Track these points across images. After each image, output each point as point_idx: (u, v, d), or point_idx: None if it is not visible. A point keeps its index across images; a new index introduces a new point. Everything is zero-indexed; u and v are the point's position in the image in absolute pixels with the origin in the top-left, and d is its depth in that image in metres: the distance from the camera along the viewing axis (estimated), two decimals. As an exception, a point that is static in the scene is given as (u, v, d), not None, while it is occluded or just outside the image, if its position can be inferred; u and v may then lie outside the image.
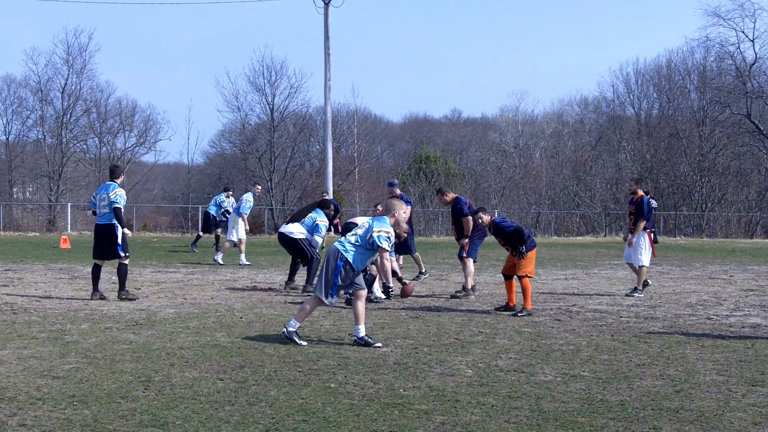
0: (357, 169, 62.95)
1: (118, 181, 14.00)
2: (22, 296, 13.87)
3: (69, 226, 44.39)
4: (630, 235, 15.35)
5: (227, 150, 69.48)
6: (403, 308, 13.05)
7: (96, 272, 13.93)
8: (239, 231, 21.71)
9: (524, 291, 12.60)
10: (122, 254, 13.69)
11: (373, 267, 13.58)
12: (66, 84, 60.60)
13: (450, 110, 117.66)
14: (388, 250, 9.98)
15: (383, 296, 13.53)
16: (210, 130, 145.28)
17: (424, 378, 8.07)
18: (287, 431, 6.19)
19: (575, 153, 63.73)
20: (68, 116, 61.04)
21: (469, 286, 14.59)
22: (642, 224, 15.25)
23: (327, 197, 22.50)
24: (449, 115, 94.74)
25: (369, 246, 9.73)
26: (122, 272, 13.82)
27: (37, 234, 41.38)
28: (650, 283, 15.66)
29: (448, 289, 15.89)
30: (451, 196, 15.20)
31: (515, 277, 12.81)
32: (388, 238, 9.75)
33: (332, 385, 7.68)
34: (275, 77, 60.57)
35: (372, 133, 73.05)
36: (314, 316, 12.16)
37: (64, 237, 31.07)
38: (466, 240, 14.66)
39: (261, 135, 61.72)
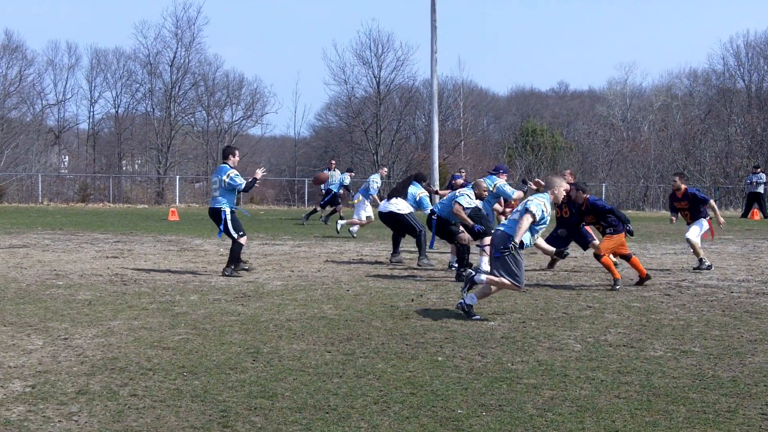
0: (463, 142, 62.58)
1: (230, 162, 13.86)
2: (132, 268, 14.17)
3: (177, 198, 45.29)
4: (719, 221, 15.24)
5: (333, 123, 69.82)
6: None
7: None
8: (367, 210, 22.32)
9: (609, 267, 12.60)
10: (234, 235, 13.56)
11: (464, 236, 13.57)
12: (175, 57, 61.66)
13: (557, 83, 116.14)
14: (534, 214, 9.84)
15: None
16: (316, 102, 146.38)
17: (532, 352, 7.95)
18: (395, 404, 6.16)
19: (684, 126, 62.09)
20: (177, 89, 62.10)
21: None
22: (713, 204, 15.16)
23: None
24: (556, 88, 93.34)
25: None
26: (234, 250, 13.62)
27: (146, 206, 42.34)
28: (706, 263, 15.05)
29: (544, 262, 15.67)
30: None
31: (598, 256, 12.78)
32: (541, 208, 9.85)
33: (440, 359, 7.63)
34: (382, 50, 60.49)
35: (478, 105, 72.43)
36: (422, 289, 12.13)
37: (172, 209, 31.71)
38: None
39: (367, 108, 61.78)
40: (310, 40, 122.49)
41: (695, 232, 14.87)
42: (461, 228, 13.73)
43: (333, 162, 29.59)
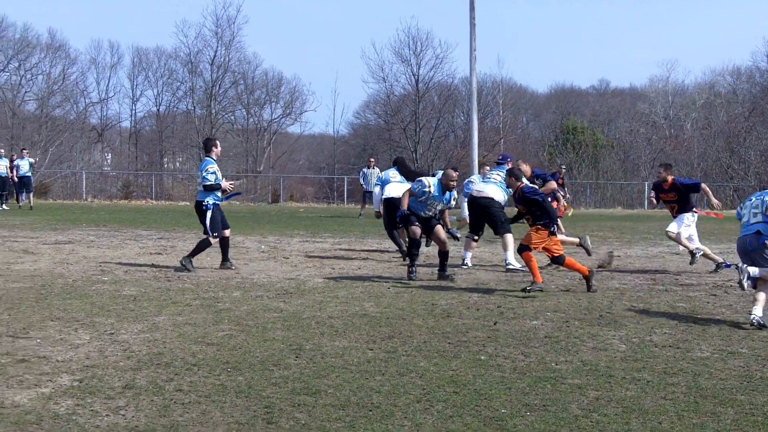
0: (503, 140, 62.37)
1: (212, 154, 13.84)
2: (176, 265, 14.26)
3: (218, 195, 45.55)
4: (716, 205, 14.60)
5: (372, 121, 69.85)
6: (553, 281, 12.84)
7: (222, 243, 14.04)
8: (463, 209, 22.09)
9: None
10: (210, 234, 13.64)
11: (416, 229, 13.01)
12: (215, 56, 62.11)
13: (597, 80, 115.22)
14: None
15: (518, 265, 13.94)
16: (355, 101, 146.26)
17: (576, 352, 7.90)
18: (438, 402, 6.15)
19: (728, 124, 61.44)
20: (217, 88, 62.53)
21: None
22: (705, 187, 14.50)
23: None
24: (596, 85, 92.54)
25: None
26: (201, 245, 13.75)
27: (188, 203, 42.57)
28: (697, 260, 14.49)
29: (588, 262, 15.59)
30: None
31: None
32: None
33: (482, 358, 7.61)
34: (421, 48, 60.52)
35: (517, 103, 72.08)
36: (462, 287, 12.10)
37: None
38: None
39: (406, 106, 61.81)
40: (348, 39, 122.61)
41: (675, 227, 14.25)
42: (440, 223, 13.32)
43: (372, 160, 29.66)
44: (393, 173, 15.80)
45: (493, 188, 14.70)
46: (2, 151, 35.16)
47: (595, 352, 7.93)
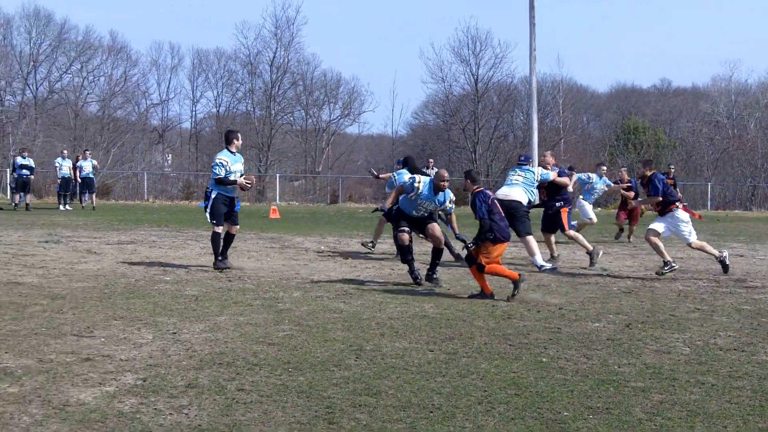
0: (563, 141, 61.92)
1: (232, 147, 13.74)
2: (236, 265, 14.35)
3: (278, 196, 45.79)
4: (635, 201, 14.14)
5: (430, 121, 69.83)
6: (614, 283, 12.72)
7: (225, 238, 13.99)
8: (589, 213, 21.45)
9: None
10: (209, 220, 13.68)
11: (404, 236, 12.61)
12: (274, 57, 62.51)
13: (659, 79, 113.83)
14: None
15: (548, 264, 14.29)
16: (413, 101, 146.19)
17: (639, 355, 7.81)
18: (500, 404, 6.11)
19: (793, 123, 60.45)
20: (276, 89, 62.94)
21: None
22: (655, 199, 13.75)
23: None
24: (658, 85, 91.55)
25: None
26: (213, 242, 13.85)
27: (248, 204, 42.91)
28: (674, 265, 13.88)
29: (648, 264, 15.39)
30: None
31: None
32: None
33: (544, 360, 7.55)
34: (480, 47, 60.34)
35: (578, 103, 71.50)
36: (522, 288, 12.01)
37: (273, 207, 32.11)
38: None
39: (465, 106, 61.65)
40: (407, 39, 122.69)
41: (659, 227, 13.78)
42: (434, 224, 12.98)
43: (431, 161, 29.57)
44: (406, 174, 15.68)
45: (518, 191, 14.79)
46: (65, 152, 35.82)
47: (658, 355, 7.83)
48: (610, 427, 5.66)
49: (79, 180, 33.50)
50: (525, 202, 14.62)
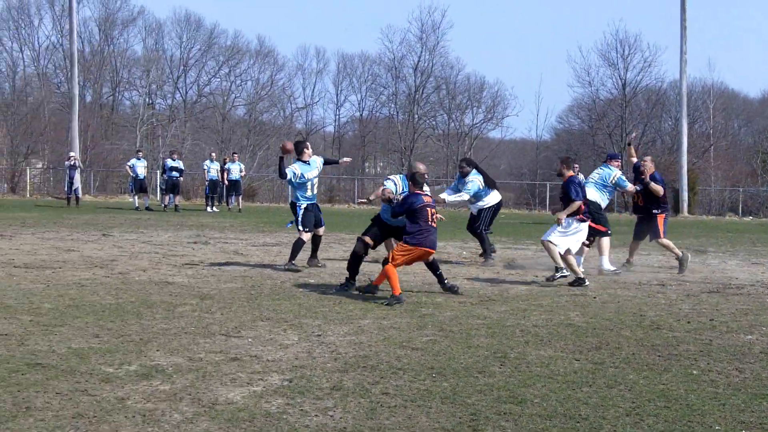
0: (713, 147, 60.17)
1: (304, 157, 14.30)
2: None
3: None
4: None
5: (575, 126, 68.95)
6: (767, 294, 12.25)
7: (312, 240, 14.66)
8: None
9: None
10: (299, 228, 14.31)
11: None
12: (419, 61, 62.86)
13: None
14: None
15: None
16: (558, 105, 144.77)
17: (797, 370, 7.49)
18: (649, 417, 5.95)
19: None
20: (420, 93, 63.25)
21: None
22: (575, 206, 12.76)
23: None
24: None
25: None
26: (295, 246, 14.23)
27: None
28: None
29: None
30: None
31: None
32: None
33: (694, 372, 7.32)
34: (628, 51, 59.38)
35: (728, 108, 69.40)
36: (672, 298, 11.70)
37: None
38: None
39: (611, 110, 60.66)
40: (553, 43, 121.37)
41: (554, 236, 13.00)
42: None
43: (576, 166, 29.09)
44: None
45: (591, 190, 14.51)
46: (213, 154, 36.85)
47: (817, 371, 7.49)
48: (767, 445, 5.44)
49: (226, 182, 34.40)
50: (596, 200, 14.60)
